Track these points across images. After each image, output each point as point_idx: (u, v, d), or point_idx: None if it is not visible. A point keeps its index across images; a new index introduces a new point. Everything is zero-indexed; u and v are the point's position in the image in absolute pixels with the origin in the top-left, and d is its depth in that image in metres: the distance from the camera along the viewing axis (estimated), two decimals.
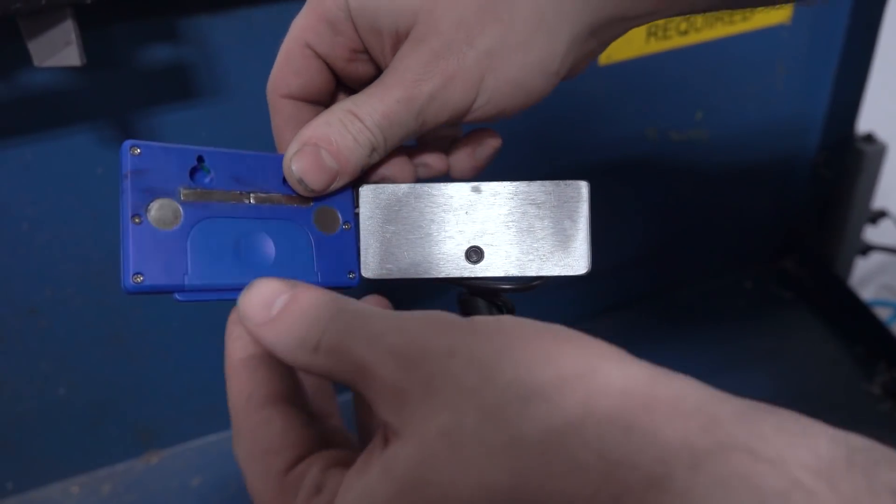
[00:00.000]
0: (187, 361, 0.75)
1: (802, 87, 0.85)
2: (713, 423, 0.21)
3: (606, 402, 0.22)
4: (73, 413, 0.74)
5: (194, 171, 0.32)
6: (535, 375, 0.23)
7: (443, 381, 0.24)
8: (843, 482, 0.19)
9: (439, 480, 0.23)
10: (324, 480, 0.28)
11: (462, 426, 0.23)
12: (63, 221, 0.63)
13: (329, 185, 0.34)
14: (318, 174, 0.33)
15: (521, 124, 0.39)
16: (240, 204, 0.32)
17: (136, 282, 0.29)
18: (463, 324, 0.26)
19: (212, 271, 0.31)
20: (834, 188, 0.92)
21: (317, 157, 0.33)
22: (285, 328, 0.27)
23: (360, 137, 0.33)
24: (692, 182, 0.87)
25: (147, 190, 0.30)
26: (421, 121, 0.34)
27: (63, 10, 0.47)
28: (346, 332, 0.26)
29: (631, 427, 0.21)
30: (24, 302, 0.66)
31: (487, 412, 0.23)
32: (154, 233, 0.30)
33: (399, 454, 0.24)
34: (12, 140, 0.59)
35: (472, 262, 0.34)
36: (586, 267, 0.34)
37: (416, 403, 0.24)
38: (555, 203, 0.34)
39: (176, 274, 0.30)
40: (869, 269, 1.11)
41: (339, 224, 0.34)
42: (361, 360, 0.26)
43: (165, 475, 0.79)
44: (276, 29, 0.60)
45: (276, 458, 0.29)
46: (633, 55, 0.75)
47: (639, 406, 0.22)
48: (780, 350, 0.91)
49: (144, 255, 0.29)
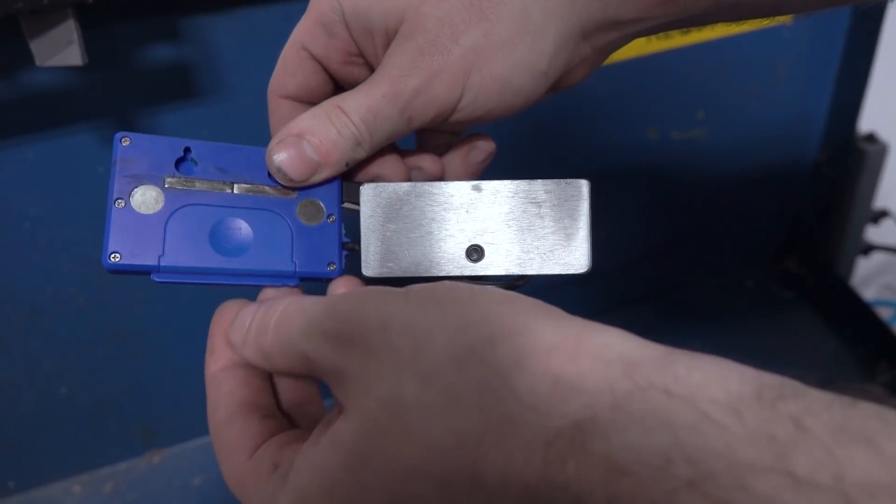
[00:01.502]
0: (189, 360, 0.75)
1: (804, 86, 0.85)
2: (633, 367, 0.23)
3: (536, 357, 0.24)
4: (75, 412, 0.74)
5: (180, 161, 0.34)
6: (468, 337, 0.25)
7: (379, 355, 0.26)
8: (749, 413, 0.20)
9: (386, 449, 0.25)
10: (280, 458, 0.30)
11: (402, 395, 0.25)
12: (65, 221, 0.64)
13: (309, 177, 0.34)
14: (297, 164, 0.34)
15: (522, 124, 0.39)
16: (223, 193, 0.34)
17: (112, 260, 0.31)
18: (397, 294, 0.27)
19: (187, 254, 0.32)
20: (835, 188, 0.92)
21: (298, 148, 0.34)
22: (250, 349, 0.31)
23: (344, 131, 0.34)
24: (693, 182, 0.87)
25: (132, 176, 0.33)
26: (406, 116, 0.34)
27: (65, 10, 0.47)
28: (286, 332, 0.29)
29: (558, 379, 0.23)
30: (26, 301, 0.67)
31: (425, 378, 0.24)
32: (135, 215, 0.32)
33: (345, 428, 0.26)
34: (14, 139, 0.59)
35: (472, 261, 0.34)
36: (587, 265, 0.34)
37: (355, 379, 0.26)
38: (555, 202, 0.34)
39: (151, 254, 0.32)
40: (870, 269, 1.11)
41: (322, 216, 0.35)
42: (303, 351, 0.28)
43: (167, 474, 0.79)
44: (277, 29, 0.60)
45: (236, 451, 0.31)
46: (634, 55, 0.75)
47: (566, 358, 0.23)
48: (782, 350, 0.91)
49: (123, 236, 0.32)
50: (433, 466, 0.24)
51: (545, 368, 0.23)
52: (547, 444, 0.22)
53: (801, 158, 0.92)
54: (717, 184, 0.89)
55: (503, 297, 0.26)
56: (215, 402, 0.33)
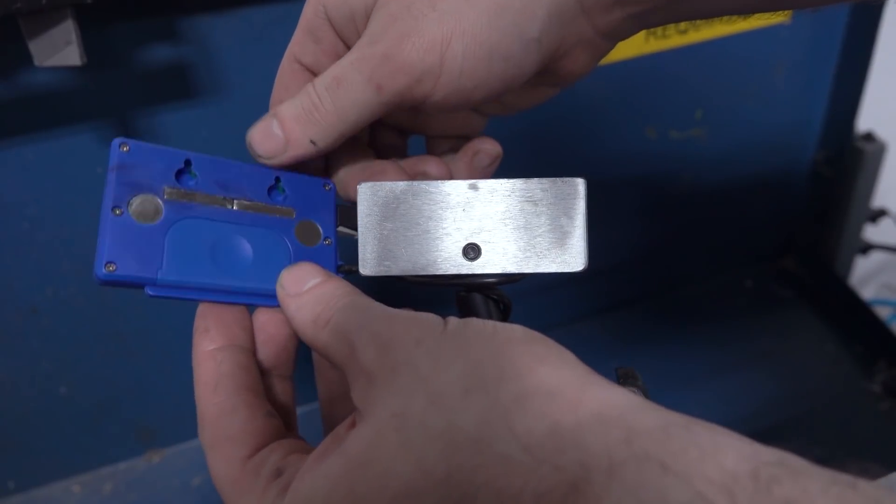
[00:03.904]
0: (188, 361, 0.75)
1: (802, 85, 0.85)
2: (633, 434, 0.22)
3: (536, 399, 0.24)
4: (75, 412, 0.74)
5: (180, 173, 0.33)
6: (481, 370, 0.25)
7: (404, 368, 0.26)
8: (743, 496, 0.20)
9: (382, 460, 0.25)
10: (284, 465, 0.30)
11: (410, 410, 0.25)
12: (64, 221, 0.64)
13: (277, 153, 0.34)
14: (263, 140, 0.34)
15: (520, 123, 0.39)
16: (222, 208, 0.33)
17: (108, 270, 0.30)
18: (438, 322, 0.28)
19: (186, 269, 0.31)
20: (834, 187, 0.92)
21: (267, 126, 0.34)
22: (306, 303, 0.31)
23: (306, 103, 0.33)
24: (691, 181, 0.87)
25: (131, 184, 0.31)
26: (374, 84, 0.32)
27: (63, 10, 0.47)
28: (349, 317, 0.29)
29: (557, 428, 0.23)
30: (26, 301, 0.67)
31: (432, 398, 0.25)
32: (133, 225, 0.31)
33: (356, 434, 0.26)
34: (13, 139, 0.59)
35: (469, 259, 0.34)
36: (583, 264, 0.34)
37: (380, 386, 0.26)
38: (552, 200, 0.34)
39: (149, 267, 0.31)
40: (869, 268, 1.11)
41: (319, 239, 0.35)
42: (353, 342, 0.28)
43: (167, 474, 0.79)
44: (276, 29, 0.60)
45: (238, 445, 0.31)
46: (632, 54, 0.75)
47: (566, 408, 0.23)
48: (781, 349, 0.91)
49: (120, 246, 0.30)
50: (423, 491, 0.24)
51: (544, 412, 0.24)
52: (537, 497, 0.22)
53: (799, 158, 0.92)
54: (715, 183, 0.89)
55: (522, 337, 0.26)
56: (213, 381, 0.32)
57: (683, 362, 0.88)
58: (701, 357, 0.88)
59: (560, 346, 0.26)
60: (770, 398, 0.85)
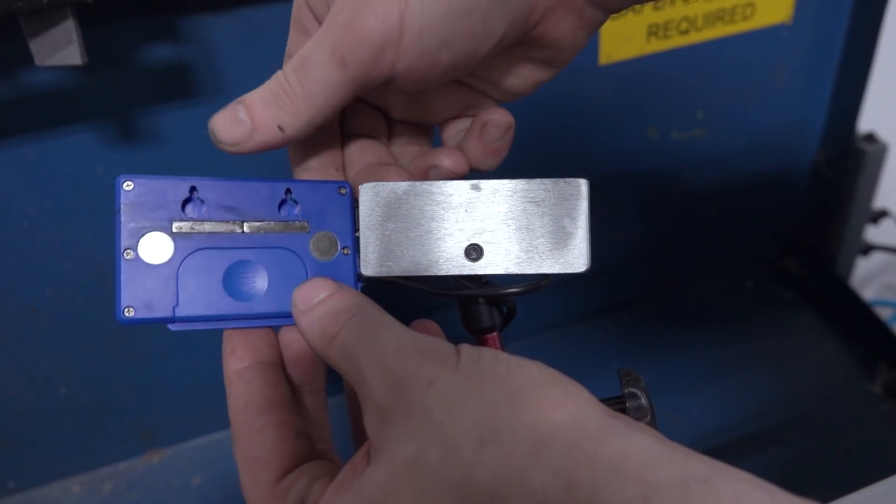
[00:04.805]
0: (188, 361, 0.75)
1: (803, 86, 0.85)
2: (651, 490, 0.22)
3: (553, 453, 0.23)
4: (75, 412, 0.74)
5: (186, 202, 0.32)
6: (495, 417, 0.25)
7: (418, 410, 0.25)
8: None
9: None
10: (308, 493, 0.30)
11: (424, 458, 0.25)
12: (64, 220, 0.64)
13: (240, 140, 0.32)
14: (226, 126, 0.32)
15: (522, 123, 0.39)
16: (233, 234, 0.33)
17: (127, 315, 0.31)
18: (450, 356, 0.27)
19: (201, 303, 0.32)
20: (835, 188, 0.92)
21: (232, 112, 0.32)
22: (314, 319, 0.30)
23: (274, 86, 0.32)
24: (693, 181, 0.87)
25: (138, 224, 0.31)
26: (338, 58, 0.30)
27: (64, 10, 0.47)
28: (357, 338, 0.28)
29: (572, 484, 0.23)
30: (26, 301, 0.67)
31: (447, 448, 0.24)
32: (144, 267, 0.31)
33: (372, 476, 0.26)
34: (13, 139, 0.59)
35: (471, 260, 0.34)
36: (586, 265, 0.34)
37: (394, 426, 0.26)
38: (554, 201, 0.34)
39: (164, 307, 0.31)
40: (870, 269, 1.11)
41: (336, 250, 0.34)
42: (362, 371, 0.28)
43: (166, 474, 0.79)
44: (276, 29, 0.60)
45: (266, 467, 0.31)
46: (633, 55, 0.75)
47: (583, 463, 0.23)
48: (781, 350, 0.91)
49: (135, 289, 0.31)
50: None
51: (561, 468, 0.23)
52: None
53: (800, 158, 0.92)
54: (716, 183, 0.89)
55: (538, 379, 0.26)
56: (243, 399, 0.32)
57: (684, 363, 0.88)
58: (702, 358, 0.88)
59: (577, 386, 0.26)
60: (770, 399, 0.85)
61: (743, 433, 0.80)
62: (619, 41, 0.73)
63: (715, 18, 0.76)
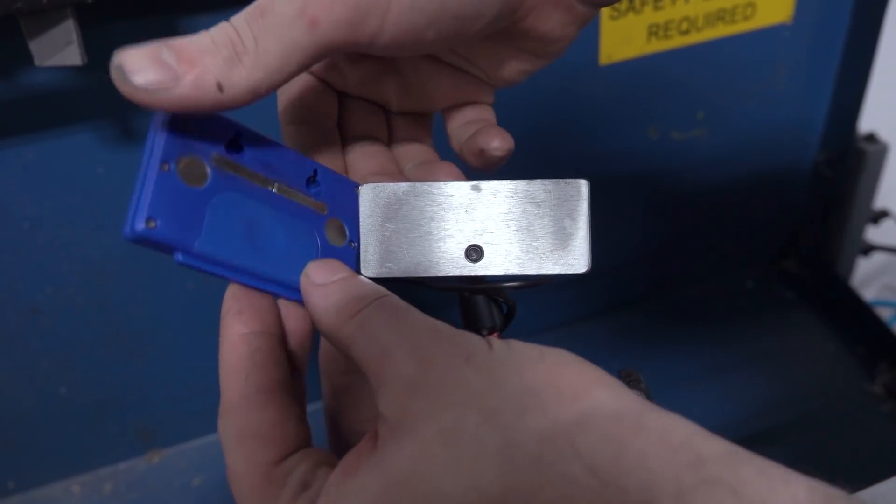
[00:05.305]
0: (188, 361, 0.75)
1: (804, 86, 0.85)
2: (699, 459, 0.22)
3: (600, 420, 0.23)
4: (75, 412, 0.74)
5: (230, 144, 0.31)
6: (535, 389, 0.24)
7: (454, 383, 0.25)
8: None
9: (429, 476, 0.23)
10: (311, 478, 0.28)
11: (461, 426, 0.24)
12: (64, 221, 0.64)
13: (164, 87, 0.25)
14: (146, 66, 0.26)
15: (523, 123, 0.39)
16: (264, 189, 0.31)
17: (149, 226, 0.27)
18: (482, 341, 0.26)
19: (222, 244, 0.29)
20: (835, 188, 0.92)
21: (155, 51, 0.26)
22: (332, 293, 0.28)
23: (219, 36, 0.26)
24: (693, 182, 0.87)
25: (182, 143, 0.29)
26: (308, 18, 0.26)
27: (64, 10, 0.47)
28: (385, 316, 0.27)
29: (621, 448, 0.22)
30: (26, 301, 0.66)
31: (487, 414, 0.24)
32: (179, 186, 0.28)
33: (394, 449, 0.24)
34: (13, 139, 0.59)
35: (471, 261, 0.34)
36: (586, 266, 0.33)
37: (425, 400, 0.25)
38: (555, 201, 0.34)
39: (189, 233, 0.28)
40: (870, 270, 1.11)
41: (345, 240, 0.34)
42: (387, 345, 0.26)
43: (167, 474, 0.79)
44: None
45: (266, 446, 0.28)
46: (633, 55, 0.75)
47: (629, 430, 0.22)
48: (782, 350, 0.91)
49: (164, 203, 0.27)
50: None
51: (608, 434, 0.22)
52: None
53: (801, 158, 0.92)
54: (717, 184, 0.89)
55: (572, 359, 0.25)
56: (244, 368, 0.29)
57: (684, 363, 0.88)
58: (702, 358, 0.88)
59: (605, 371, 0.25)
60: (771, 399, 0.85)
61: (743, 433, 0.80)
62: (620, 41, 0.73)
63: (715, 18, 0.76)
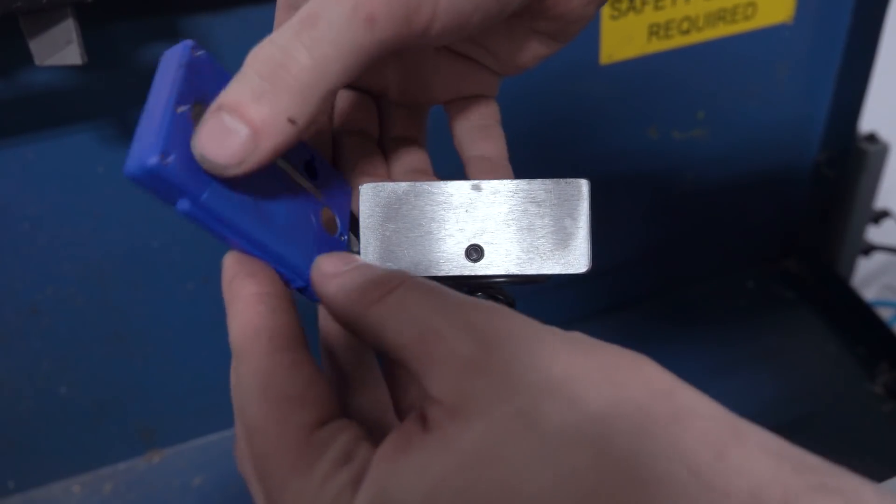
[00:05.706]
0: (189, 360, 0.75)
1: (805, 86, 0.85)
2: (803, 465, 0.21)
3: (698, 420, 0.22)
4: (75, 412, 0.74)
5: None
6: (624, 383, 0.23)
7: (525, 364, 0.23)
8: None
9: (511, 460, 0.21)
10: (355, 450, 0.24)
11: (544, 410, 0.22)
12: (64, 221, 0.64)
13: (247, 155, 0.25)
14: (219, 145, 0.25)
15: (523, 123, 0.39)
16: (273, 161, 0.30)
17: (163, 162, 0.24)
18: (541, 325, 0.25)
19: (228, 200, 0.27)
20: (836, 188, 0.92)
21: (217, 123, 0.25)
22: (350, 280, 0.26)
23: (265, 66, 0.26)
24: (693, 182, 0.87)
25: (197, 89, 0.27)
26: (363, 15, 0.25)
27: (64, 9, 0.47)
28: (418, 295, 0.25)
29: (723, 452, 0.21)
30: (26, 301, 0.66)
31: (572, 400, 0.22)
32: (191, 131, 0.26)
33: (460, 430, 0.22)
34: (13, 139, 0.59)
35: (472, 261, 0.34)
36: (587, 265, 0.33)
37: (492, 381, 0.23)
38: (555, 201, 0.34)
39: (201, 181, 0.26)
40: (871, 270, 1.11)
41: (337, 231, 0.34)
42: (433, 325, 0.24)
43: (167, 474, 0.79)
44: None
45: (302, 407, 0.24)
46: (634, 55, 0.75)
47: (728, 433, 0.21)
48: (782, 350, 0.91)
49: (178, 142, 0.25)
50: (562, 501, 0.21)
51: (708, 436, 0.21)
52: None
53: (801, 158, 0.92)
54: (717, 184, 0.89)
55: (642, 356, 0.24)
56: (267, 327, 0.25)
57: (685, 363, 0.87)
58: (702, 358, 0.88)
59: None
60: (771, 399, 0.85)
61: None
62: (620, 41, 0.73)
63: (716, 18, 0.76)
